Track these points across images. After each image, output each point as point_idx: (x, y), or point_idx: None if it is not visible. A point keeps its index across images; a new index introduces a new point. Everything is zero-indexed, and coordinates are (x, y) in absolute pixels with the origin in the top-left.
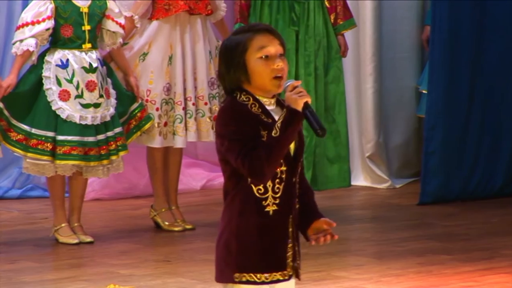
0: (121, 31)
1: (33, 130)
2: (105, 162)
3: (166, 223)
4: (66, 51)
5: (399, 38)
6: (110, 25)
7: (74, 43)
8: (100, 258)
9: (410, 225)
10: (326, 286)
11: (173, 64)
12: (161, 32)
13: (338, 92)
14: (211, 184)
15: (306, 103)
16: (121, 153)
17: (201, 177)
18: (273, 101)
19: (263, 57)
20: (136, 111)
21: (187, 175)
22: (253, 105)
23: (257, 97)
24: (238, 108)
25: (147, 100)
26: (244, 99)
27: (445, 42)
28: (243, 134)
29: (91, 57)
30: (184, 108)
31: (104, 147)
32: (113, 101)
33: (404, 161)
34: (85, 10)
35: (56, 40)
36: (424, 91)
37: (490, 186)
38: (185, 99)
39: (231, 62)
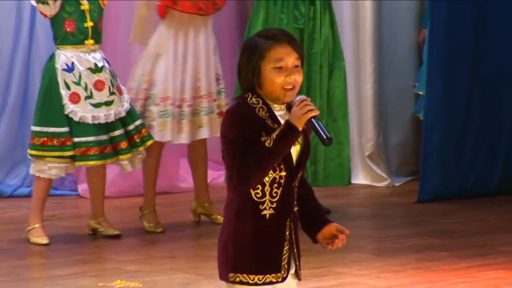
0: None
1: (50, 129)
2: (128, 155)
3: (151, 224)
4: (70, 54)
5: (399, 39)
6: None
7: (76, 38)
8: (107, 254)
9: (408, 223)
10: (328, 282)
11: (179, 62)
12: (169, 33)
13: (341, 92)
14: (215, 182)
15: (316, 116)
16: (148, 143)
17: None
18: (283, 106)
19: (278, 67)
20: (140, 127)
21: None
22: (261, 109)
23: (267, 101)
24: (245, 112)
25: (163, 99)
26: (254, 101)
27: (443, 43)
28: (243, 138)
29: (95, 58)
30: (191, 105)
31: (124, 142)
32: (126, 96)
33: (403, 160)
34: (86, 7)
35: (59, 35)
36: (420, 93)
37: (487, 184)
38: (193, 97)
39: (248, 64)
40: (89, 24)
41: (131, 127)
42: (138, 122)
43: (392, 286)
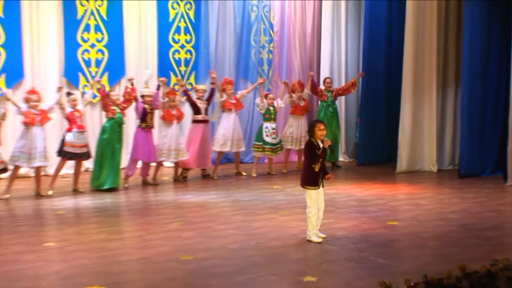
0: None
1: (256, 143)
2: (274, 154)
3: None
4: (267, 123)
5: (350, 124)
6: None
7: (268, 119)
8: (265, 179)
9: (353, 172)
10: (329, 190)
11: (298, 130)
12: (293, 119)
13: (336, 131)
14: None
15: (330, 144)
16: (279, 152)
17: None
18: (319, 140)
19: (320, 129)
20: (278, 146)
21: (294, 157)
22: (315, 142)
23: (317, 139)
24: (311, 143)
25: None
26: (313, 140)
27: (366, 107)
28: (310, 151)
29: (273, 124)
30: (300, 138)
31: (275, 149)
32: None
33: (352, 153)
34: (271, 110)
35: (264, 117)
36: (357, 136)
37: (379, 159)
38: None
39: (311, 128)
40: (272, 116)
41: (275, 146)
42: (278, 145)
43: (349, 188)
